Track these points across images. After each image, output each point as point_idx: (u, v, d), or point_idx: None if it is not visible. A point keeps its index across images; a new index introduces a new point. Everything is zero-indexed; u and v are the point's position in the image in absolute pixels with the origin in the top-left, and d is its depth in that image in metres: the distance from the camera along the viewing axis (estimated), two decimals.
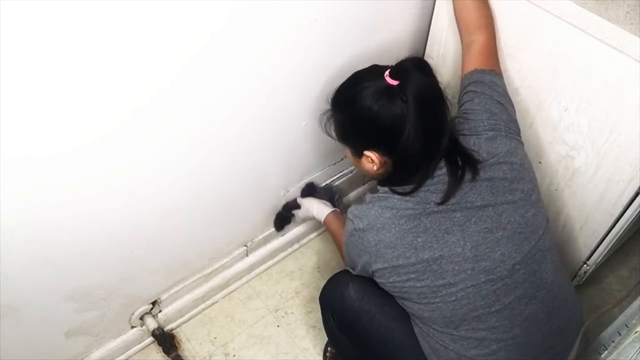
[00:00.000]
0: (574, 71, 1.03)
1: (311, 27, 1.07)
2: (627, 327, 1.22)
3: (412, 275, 0.95)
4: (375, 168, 1.00)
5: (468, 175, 0.94)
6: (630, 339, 1.04)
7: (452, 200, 0.94)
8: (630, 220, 1.13)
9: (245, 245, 1.43)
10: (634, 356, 0.99)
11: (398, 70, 0.93)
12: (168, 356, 1.33)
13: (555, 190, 1.21)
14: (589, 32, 0.97)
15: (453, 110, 1.02)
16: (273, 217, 1.43)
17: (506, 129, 1.01)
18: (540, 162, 1.20)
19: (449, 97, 0.98)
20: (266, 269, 1.54)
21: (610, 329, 1.28)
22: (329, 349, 1.37)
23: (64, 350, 1.20)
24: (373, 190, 1.05)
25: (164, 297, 1.33)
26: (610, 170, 1.07)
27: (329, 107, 1.05)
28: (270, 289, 1.50)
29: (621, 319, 1.28)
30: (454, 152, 0.96)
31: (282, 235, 1.53)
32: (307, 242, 1.61)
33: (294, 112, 1.22)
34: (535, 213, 0.98)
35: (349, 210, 1.02)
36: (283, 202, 1.41)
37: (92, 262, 1.08)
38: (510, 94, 1.13)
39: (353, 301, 1.08)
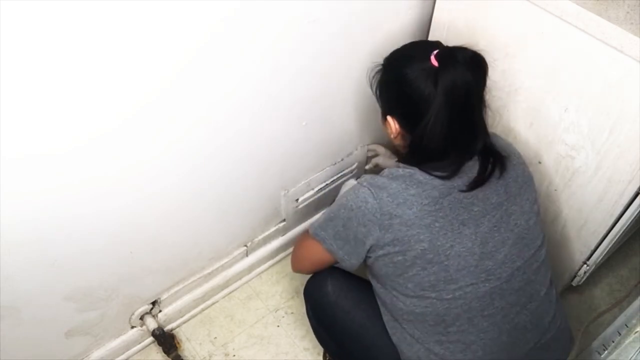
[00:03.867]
0: (574, 71, 1.03)
1: (311, 27, 1.07)
2: (627, 327, 1.22)
3: (419, 261, 0.92)
4: (392, 136, 1.03)
5: (497, 173, 0.96)
6: (630, 339, 1.05)
7: (474, 194, 0.94)
8: (630, 220, 1.13)
9: (245, 245, 1.43)
10: (634, 356, 0.99)
11: (445, 55, 0.93)
12: (168, 356, 1.33)
13: (555, 190, 1.21)
14: (589, 32, 0.97)
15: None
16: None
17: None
18: (540, 162, 1.20)
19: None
20: (266, 269, 1.54)
21: (610, 329, 1.28)
22: None
23: (64, 350, 1.20)
24: None
25: (164, 297, 1.33)
26: (610, 170, 1.07)
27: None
28: (270, 289, 1.50)
29: (621, 319, 1.28)
30: (486, 149, 0.97)
31: (283, 235, 1.53)
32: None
33: (294, 112, 1.22)
34: (536, 222, 1.00)
35: (362, 178, 0.98)
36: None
37: (92, 262, 1.08)
38: (510, 94, 1.13)
39: (330, 296, 1.10)
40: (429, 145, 0.94)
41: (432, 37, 1.29)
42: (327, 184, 1.50)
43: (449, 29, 1.23)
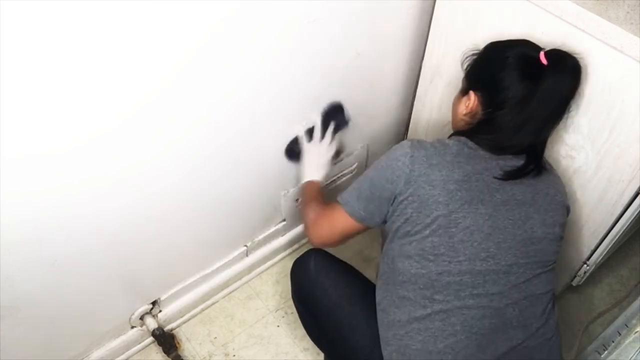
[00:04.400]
0: None
1: (311, 27, 1.07)
2: (627, 327, 1.22)
3: (428, 220, 0.95)
4: (464, 112, 1.05)
5: (532, 177, 0.99)
6: (630, 339, 1.04)
7: (502, 184, 0.97)
8: (630, 220, 1.13)
9: (245, 245, 1.43)
10: (634, 356, 0.99)
11: (557, 57, 0.97)
12: (168, 356, 1.33)
13: None
14: (589, 32, 0.97)
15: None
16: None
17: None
18: None
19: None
20: (266, 269, 1.54)
21: (610, 329, 1.28)
22: None
23: (64, 350, 1.20)
24: None
25: (164, 297, 1.33)
26: (610, 170, 1.07)
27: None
28: (270, 289, 1.50)
29: (621, 319, 1.28)
30: (536, 152, 1.02)
31: (283, 235, 1.53)
32: (307, 242, 1.61)
33: (294, 112, 1.22)
34: (553, 242, 1.00)
35: (410, 138, 1.03)
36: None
37: (92, 262, 1.08)
38: None
39: (311, 273, 1.13)
40: (495, 130, 0.99)
41: (432, 37, 1.29)
42: (327, 184, 1.50)
43: (449, 29, 1.23)
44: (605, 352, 1.21)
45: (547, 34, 1.04)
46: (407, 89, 1.48)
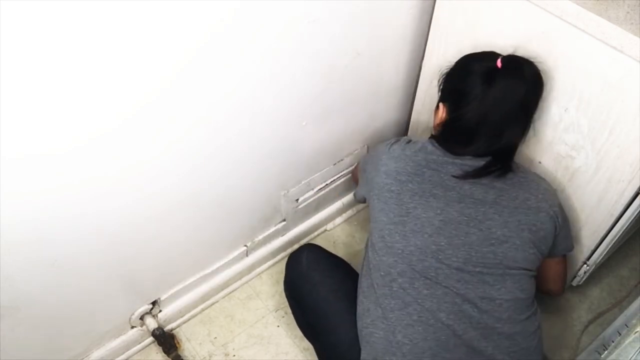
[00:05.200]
0: (574, 71, 1.03)
1: (311, 27, 1.07)
2: (627, 327, 1.22)
3: (386, 207, 1.02)
4: (436, 122, 1.11)
5: (495, 178, 1.01)
6: (630, 339, 1.04)
7: (460, 182, 1.00)
8: (630, 220, 1.13)
9: (245, 245, 1.43)
10: (634, 356, 0.99)
11: (511, 61, 1.02)
12: (168, 356, 1.33)
13: (555, 190, 1.21)
14: (589, 32, 0.97)
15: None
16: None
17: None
18: (540, 162, 1.20)
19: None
20: (266, 269, 1.54)
21: (610, 329, 1.28)
22: None
23: (64, 350, 1.21)
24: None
25: (164, 297, 1.33)
26: (610, 170, 1.07)
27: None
28: (270, 289, 1.50)
29: (621, 319, 1.28)
30: (503, 154, 1.04)
31: (283, 235, 1.53)
32: (306, 242, 1.61)
33: (294, 112, 1.22)
34: (520, 245, 0.99)
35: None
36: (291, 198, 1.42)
37: (92, 262, 1.08)
38: None
39: (302, 266, 1.19)
40: (456, 132, 1.04)
41: (432, 37, 1.29)
42: (327, 184, 1.50)
43: (449, 29, 1.23)
44: (605, 352, 1.20)
45: (547, 33, 1.04)
46: (407, 89, 1.48)
